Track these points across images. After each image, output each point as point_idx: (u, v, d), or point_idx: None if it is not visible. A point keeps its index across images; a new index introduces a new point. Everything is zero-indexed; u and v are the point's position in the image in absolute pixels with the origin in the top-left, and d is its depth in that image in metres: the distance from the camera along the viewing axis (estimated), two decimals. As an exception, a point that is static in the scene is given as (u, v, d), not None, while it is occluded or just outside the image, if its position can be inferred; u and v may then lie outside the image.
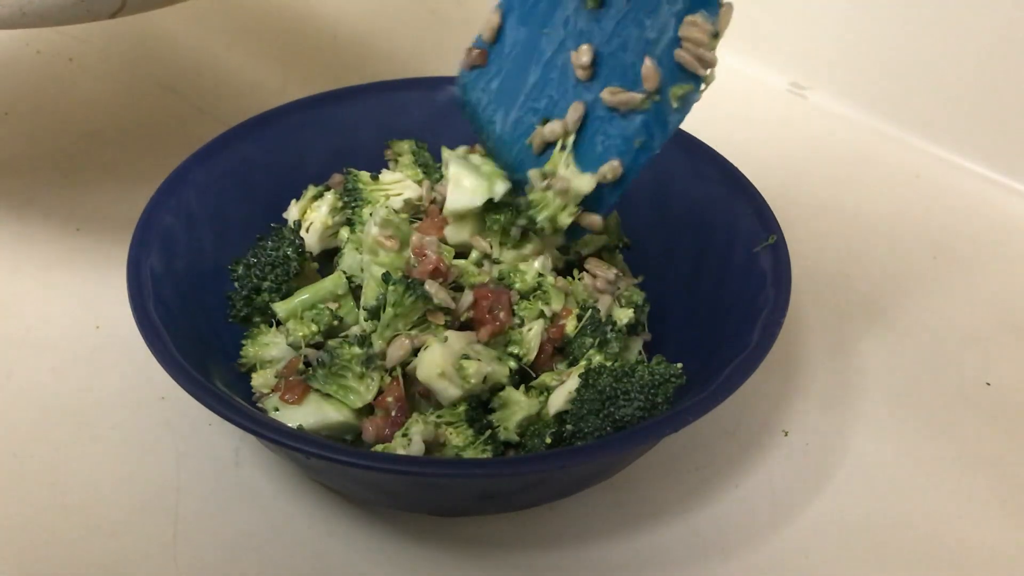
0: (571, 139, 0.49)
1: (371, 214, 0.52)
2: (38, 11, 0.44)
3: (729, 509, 0.51)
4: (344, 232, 0.56)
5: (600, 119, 0.48)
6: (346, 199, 0.56)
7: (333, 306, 0.52)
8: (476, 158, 0.55)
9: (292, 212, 0.57)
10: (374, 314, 0.49)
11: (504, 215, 0.52)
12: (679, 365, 0.47)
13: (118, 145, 0.74)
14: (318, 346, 0.51)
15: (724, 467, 0.53)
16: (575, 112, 0.48)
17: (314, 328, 0.51)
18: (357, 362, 0.48)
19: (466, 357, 0.47)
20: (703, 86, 0.45)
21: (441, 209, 0.54)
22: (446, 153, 0.55)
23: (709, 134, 0.58)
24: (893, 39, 0.77)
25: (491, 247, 0.52)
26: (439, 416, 0.47)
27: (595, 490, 0.50)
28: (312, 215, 0.56)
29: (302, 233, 0.56)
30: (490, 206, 0.52)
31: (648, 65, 0.45)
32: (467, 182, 0.52)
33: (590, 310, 0.51)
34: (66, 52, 0.85)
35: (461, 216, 0.52)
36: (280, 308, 0.52)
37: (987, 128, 0.74)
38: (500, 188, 0.51)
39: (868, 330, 0.61)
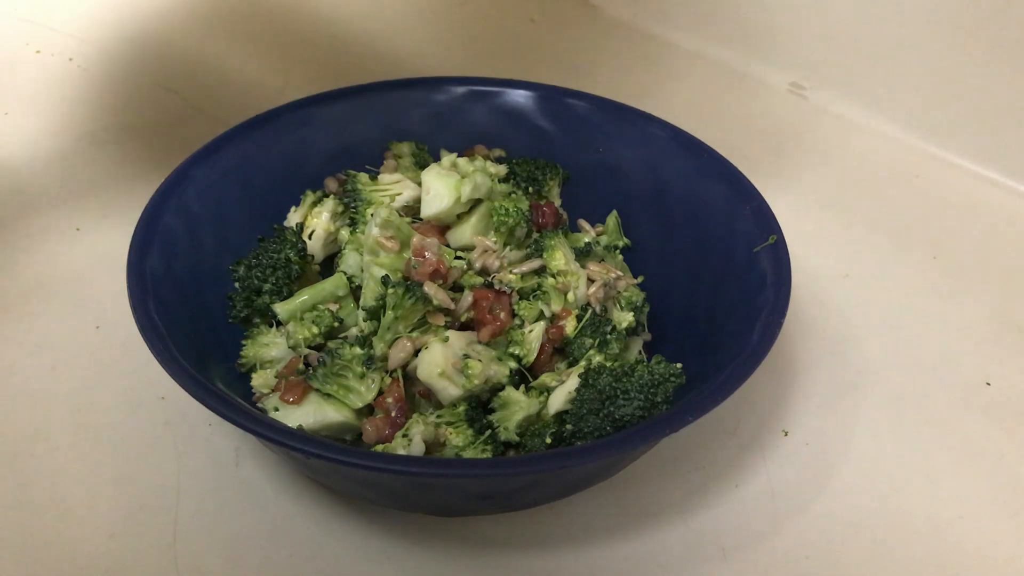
0: None
1: (372, 214, 0.52)
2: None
3: (729, 509, 0.51)
4: (345, 233, 0.56)
5: None
6: (346, 200, 0.56)
7: (334, 307, 0.52)
8: (462, 162, 0.55)
9: (292, 219, 0.57)
10: (373, 314, 0.49)
11: (509, 214, 0.52)
12: (679, 365, 0.47)
13: (118, 145, 0.74)
14: (319, 348, 0.51)
15: (724, 467, 0.53)
16: None
17: (315, 331, 0.51)
18: (358, 362, 0.48)
19: (468, 357, 0.47)
20: None
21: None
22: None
23: (709, 134, 0.58)
24: (893, 39, 0.77)
25: (495, 248, 0.53)
26: (439, 416, 0.47)
27: (595, 490, 0.50)
28: (314, 221, 0.56)
29: (304, 239, 0.56)
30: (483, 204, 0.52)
31: None
32: (434, 188, 0.53)
33: (590, 310, 0.51)
34: (66, 52, 0.85)
35: (441, 220, 0.53)
36: (281, 309, 0.52)
37: (987, 128, 0.74)
38: (467, 189, 0.52)
39: (868, 330, 0.61)
